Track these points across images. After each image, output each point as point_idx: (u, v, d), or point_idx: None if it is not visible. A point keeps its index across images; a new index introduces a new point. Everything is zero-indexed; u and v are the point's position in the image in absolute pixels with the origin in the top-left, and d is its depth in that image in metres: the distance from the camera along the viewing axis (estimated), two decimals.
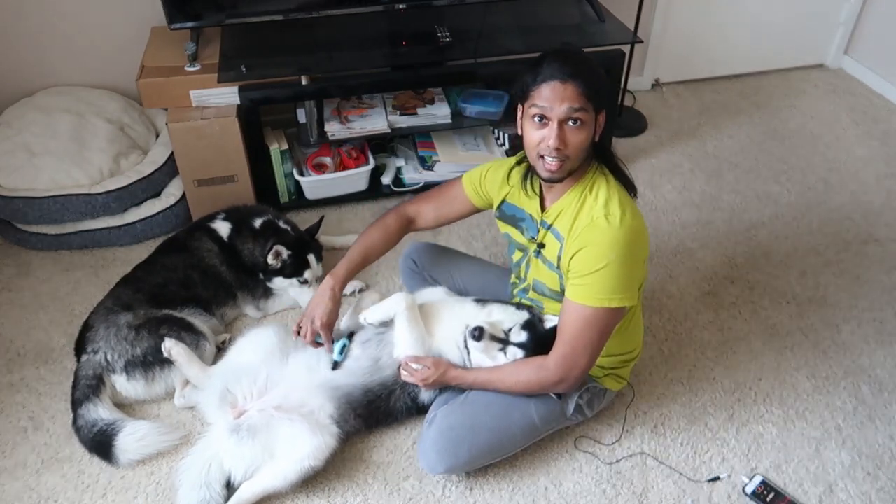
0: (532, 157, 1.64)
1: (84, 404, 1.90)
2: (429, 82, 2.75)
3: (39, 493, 1.81)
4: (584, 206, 1.65)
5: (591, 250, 1.60)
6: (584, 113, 1.54)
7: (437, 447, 1.75)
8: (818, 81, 3.66)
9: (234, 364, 1.95)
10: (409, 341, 1.82)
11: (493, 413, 1.77)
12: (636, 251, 1.64)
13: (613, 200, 1.63)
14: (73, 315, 2.29)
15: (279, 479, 1.73)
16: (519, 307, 1.84)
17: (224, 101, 2.48)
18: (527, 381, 1.73)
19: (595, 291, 1.60)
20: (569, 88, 1.52)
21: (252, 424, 1.78)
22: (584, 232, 1.62)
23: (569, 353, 1.65)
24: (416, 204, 2.00)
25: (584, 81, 1.53)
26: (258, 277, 2.26)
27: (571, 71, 1.53)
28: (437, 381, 1.80)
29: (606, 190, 1.64)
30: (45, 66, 2.73)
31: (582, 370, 1.68)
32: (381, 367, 1.86)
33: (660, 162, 3.07)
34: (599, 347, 1.68)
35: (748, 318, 2.32)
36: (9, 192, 2.40)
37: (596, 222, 1.60)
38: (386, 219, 1.97)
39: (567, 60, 1.55)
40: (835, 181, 2.96)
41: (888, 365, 2.17)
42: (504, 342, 1.76)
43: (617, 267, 1.59)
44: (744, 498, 1.81)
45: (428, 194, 2.03)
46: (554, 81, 1.53)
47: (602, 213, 1.61)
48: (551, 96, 1.53)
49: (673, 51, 3.46)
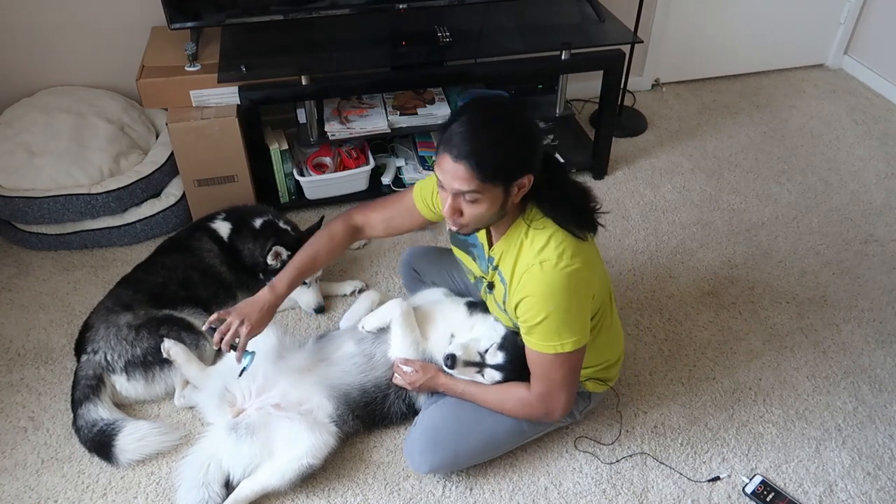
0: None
1: (84, 404, 1.90)
2: (429, 82, 2.75)
3: (39, 493, 1.81)
4: (521, 252, 1.57)
5: (530, 301, 1.54)
6: (477, 194, 1.43)
7: (419, 447, 1.75)
8: (818, 81, 3.66)
9: (232, 363, 1.94)
10: (403, 346, 1.84)
11: (481, 416, 1.76)
12: (578, 293, 1.55)
13: (550, 245, 1.52)
14: (73, 315, 2.29)
15: (277, 477, 1.73)
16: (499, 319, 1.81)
17: (224, 101, 2.48)
18: (511, 411, 1.73)
19: (546, 340, 1.56)
20: (460, 169, 1.40)
21: (251, 423, 1.78)
22: (523, 281, 1.55)
23: (545, 391, 1.64)
24: (364, 213, 1.90)
25: (481, 163, 1.39)
26: (258, 277, 2.25)
27: (467, 150, 1.39)
28: (424, 385, 1.80)
29: (545, 233, 1.54)
30: (45, 66, 2.73)
31: (565, 403, 1.66)
32: (374, 364, 1.88)
33: (660, 162, 3.07)
34: (574, 379, 1.65)
35: (748, 318, 2.31)
36: (9, 192, 2.40)
37: (531, 271, 1.53)
38: (333, 228, 1.88)
39: (466, 135, 1.40)
40: (835, 181, 2.96)
41: (888, 365, 2.17)
42: (481, 365, 1.75)
43: (559, 314, 1.53)
44: (744, 498, 1.81)
45: (377, 203, 1.92)
46: (447, 156, 1.41)
47: (536, 260, 1.52)
48: (446, 168, 1.43)
49: (673, 51, 3.46)
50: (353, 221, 1.91)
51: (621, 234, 2.66)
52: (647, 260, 2.54)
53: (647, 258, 2.55)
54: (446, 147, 1.42)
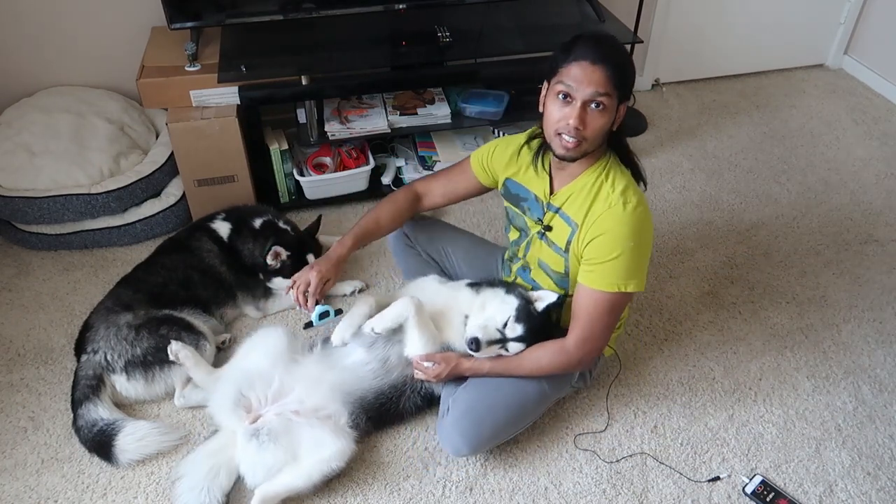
0: (549, 134, 1.65)
1: (84, 404, 1.90)
2: (429, 82, 2.75)
3: (39, 493, 1.81)
4: (600, 193, 1.67)
5: (608, 237, 1.63)
6: (608, 98, 1.55)
7: (459, 428, 1.77)
8: (818, 81, 3.66)
9: (244, 367, 1.92)
10: (421, 343, 1.82)
11: (507, 389, 1.80)
12: (649, 238, 1.69)
13: (630, 188, 1.66)
14: (73, 315, 2.29)
15: (303, 479, 1.72)
16: (507, 290, 1.83)
17: (224, 101, 2.48)
18: (549, 365, 1.77)
19: (612, 277, 1.64)
20: (598, 71, 1.53)
21: (272, 429, 1.76)
22: (602, 219, 1.64)
23: (588, 336, 1.71)
24: (425, 182, 2.03)
25: (615, 67, 1.54)
26: (258, 277, 2.26)
27: (604, 54, 1.53)
28: (450, 375, 1.82)
29: (623, 178, 1.68)
30: (45, 66, 2.73)
31: (599, 349, 1.77)
32: (389, 367, 1.86)
33: (660, 162, 3.07)
34: (613, 327, 1.75)
35: (748, 318, 2.32)
36: (9, 192, 2.40)
37: (614, 209, 1.63)
38: (396, 195, 2.01)
39: (601, 43, 1.56)
40: (835, 181, 2.96)
41: (888, 365, 2.17)
42: (502, 340, 1.77)
43: (632, 253, 1.63)
44: (744, 498, 1.81)
45: (437, 173, 2.06)
46: (585, 62, 1.53)
47: (620, 200, 1.63)
48: (580, 76, 1.54)
49: (673, 51, 3.46)
50: (414, 189, 2.02)
51: None
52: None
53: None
54: (581, 54, 1.54)
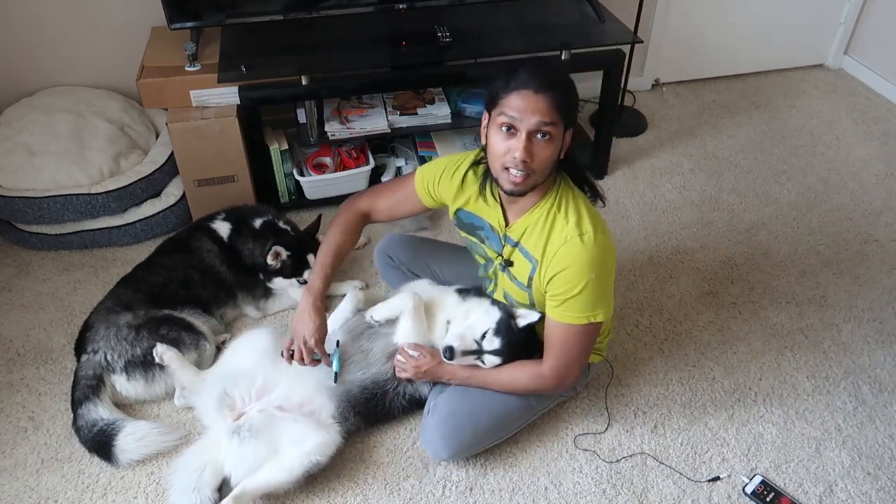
0: (495, 168, 1.59)
1: (84, 404, 1.90)
2: (429, 82, 2.74)
3: (39, 493, 1.81)
4: (555, 227, 1.63)
5: (569, 272, 1.59)
6: (553, 127, 1.50)
7: (440, 433, 1.77)
8: (818, 81, 3.66)
9: (229, 367, 1.94)
10: (412, 334, 1.85)
11: (491, 397, 1.80)
12: (611, 264, 1.65)
13: (584, 218, 1.61)
14: (73, 315, 2.29)
15: (285, 473, 1.72)
16: (493, 302, 1.85)
17: (224, 101, 2.48)
18: (524, 388, 1.78)
19: (578, 311, 1.62)
20: (542, 100, 1.47)
21: (253, 425, 1.77)
22: (560, 254, 1.60)
23: (562, 365, 1.71)
24: (369, 199, 1.94)
25: (559, 95, 1.49)
26: (258, 278, 2.26)
27: (548, 82, 1.48)
28: (430, 372, 1.81)
29: (575, 206, 1.63)
30: (45, 66, 2.73)
31: (576, 375, 1.76)
32: (371, 360, 1.88)
33: (660, 162, 3.07)
34: (588, 354, 1.75)
35: (748, 318, 2.31)
36: (9, 192, 2.40)
37: (571, 243, 1.58)
38: (345, 217, 1.92)
39: (544, 71, 1.51)
40: (835, 181, 2.96)
41: (888, 365, 2.16)
42: (479, 352, 1.77)
43: (596, 284, 1.60)
44: (744, 498, 1.81)
45: (381, 189, 1.98)
46: (527, 91, 1.48)
47: (575, 232, 1.59)
48: (522, 106, 1.48)
49: (673, 51, 3.46)
50: (360, 209, 1.94)
51: (621, 234, 2.66)
52: (647, 260, 2.54)
53: (647, 258, 2.55)
54: (522, 83, 1.49)
